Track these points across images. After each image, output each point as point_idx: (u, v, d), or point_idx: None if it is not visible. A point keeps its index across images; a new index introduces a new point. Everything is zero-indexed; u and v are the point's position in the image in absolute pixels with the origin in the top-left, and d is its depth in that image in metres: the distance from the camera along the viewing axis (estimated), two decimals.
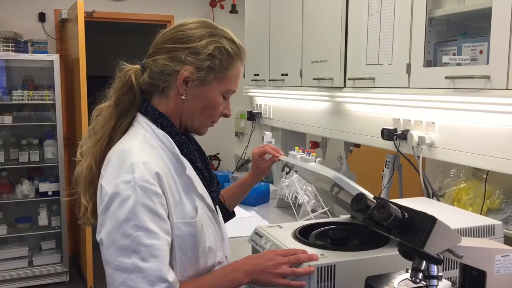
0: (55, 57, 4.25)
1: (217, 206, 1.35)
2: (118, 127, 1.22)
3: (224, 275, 1.19)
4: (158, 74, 1.19)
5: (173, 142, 1.21)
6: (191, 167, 1.23)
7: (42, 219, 4.36)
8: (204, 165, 1.31)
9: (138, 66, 1.24)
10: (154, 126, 1.21)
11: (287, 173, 1.78)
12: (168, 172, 1.17)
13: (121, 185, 1.08)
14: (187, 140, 1.26)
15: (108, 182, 1.11)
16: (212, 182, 1.32)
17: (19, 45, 4.35)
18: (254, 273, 1.19)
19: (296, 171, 1.81)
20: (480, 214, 2.12)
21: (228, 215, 1.59)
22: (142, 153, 1.13)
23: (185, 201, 1.19)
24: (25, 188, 4.29)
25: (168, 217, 1.14)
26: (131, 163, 1.10)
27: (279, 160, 1.60)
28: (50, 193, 4.34)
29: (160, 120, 1.21)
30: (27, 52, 4.39)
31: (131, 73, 1.22)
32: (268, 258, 1.21)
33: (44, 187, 4.34)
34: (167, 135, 1.21)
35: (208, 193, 1.27)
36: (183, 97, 1.20)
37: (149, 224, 1.08)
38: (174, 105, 1.22)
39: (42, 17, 4.77)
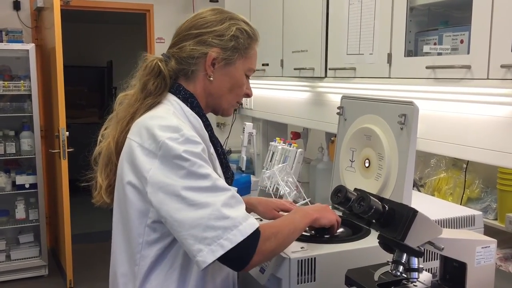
0: (30, 47, 4.14)
1: None
2: (143, 107, 1.25)
3: (296, 210, 1.33)
4: (187, 59, 1.26)
5: (201, 123, 1.26)
6: (213, 148, 1.28)
7: (20, 212, 4.27)
8: (222, 151, 1.35)
9: (160, 56, 1.30)
10: (183, 105, 1.26)
11: None
12: None
13: (168, 141, 1.11)
14: (210, 124, 1.31)
15: (152, 140, 1.13)
16: (227, 169, 1.36)
17: None
18: (319, 211, 1.33)
19: None
20: (460, 203, 2.14)
21: None
22: (176, 120, 1.17)
23: None
24: (1, 181, 4.19)
25: None
26: (171, 124, 1.14)
27: None
28: (27, 185, 4.25)
29: (190, 100, 1.27)
30: (1, 42, 4.28)
31: (157, 61, 1.27)
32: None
33: (21, 179, 4.25)
34: (196, 115, 1.26)
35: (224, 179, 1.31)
36: (211, 78, 1.27)
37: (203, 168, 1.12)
38: (202, 87, 1.28)
39: (17, 5, 4.64)
